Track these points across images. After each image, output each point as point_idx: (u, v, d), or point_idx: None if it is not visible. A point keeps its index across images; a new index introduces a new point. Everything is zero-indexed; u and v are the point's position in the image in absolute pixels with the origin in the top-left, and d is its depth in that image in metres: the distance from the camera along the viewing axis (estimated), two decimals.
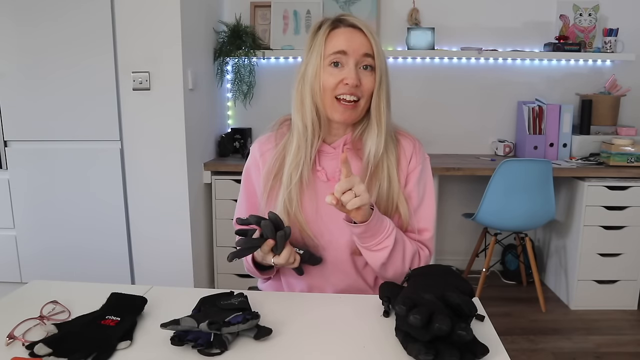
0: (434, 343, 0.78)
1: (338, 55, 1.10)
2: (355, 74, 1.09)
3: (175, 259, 2.48)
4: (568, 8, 3.00)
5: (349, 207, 0.99)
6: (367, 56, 1.11)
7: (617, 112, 2.96)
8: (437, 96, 3.14)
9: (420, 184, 1.19)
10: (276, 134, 1.22)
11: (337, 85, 1.10)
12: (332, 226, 1.15)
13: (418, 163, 1.19)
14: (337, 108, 1.11)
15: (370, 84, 1.11)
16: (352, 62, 1.10)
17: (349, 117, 1.12)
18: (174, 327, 0.85)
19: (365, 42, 1.11)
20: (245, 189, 1.25)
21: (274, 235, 1.03)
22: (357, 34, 1.11)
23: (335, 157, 1.17)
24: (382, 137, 1.13)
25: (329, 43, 1.11)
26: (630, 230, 2.64)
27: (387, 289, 1.00)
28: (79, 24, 2.29)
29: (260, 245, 1.04)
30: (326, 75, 1.11)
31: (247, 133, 3.03)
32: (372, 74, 1.11)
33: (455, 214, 3.20)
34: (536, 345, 2.35)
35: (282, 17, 3.01)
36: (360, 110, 1.12)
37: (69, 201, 2.43)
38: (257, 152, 1.23)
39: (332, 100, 1.11)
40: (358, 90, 1.10)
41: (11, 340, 0.86)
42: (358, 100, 1.11)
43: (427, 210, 1.19)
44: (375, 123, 1.13)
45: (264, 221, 1.03)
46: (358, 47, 1.10)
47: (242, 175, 1.26)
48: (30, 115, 2.38)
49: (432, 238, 1.20)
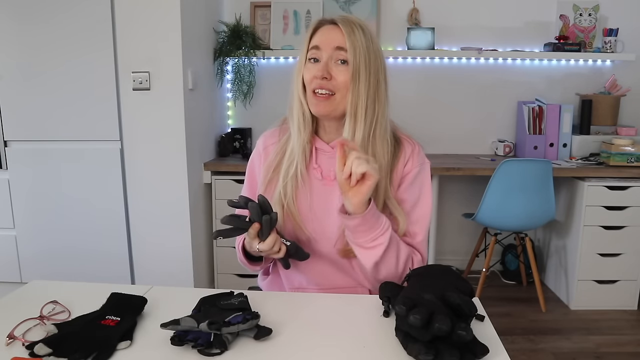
0: (434, 343, 0.78)
1: (313, 50, 1.13)
2: (324, 67, 1.10)
3: (175, 259, 2.48)
4: (568, 8, 3.00)
5: (355, 169, 0.97)
6: (340, 49, 1.10)
7: (617, 112, 2.96)
8: (437, 96, 3.14)
9: (414, 188, 1.17)
10: (280, 129, 1.25)
11: (311, 79, 1.12)
12: (325, 222, 1.16)
13: (414, 166, 1.18)
14: (312, 101, 1.13)
15: (344, 78, 1.10)
16: (325, 57, 1.11)
17: (322, 109, 1.12)
18: (174, 327, 0.85)
19: (339, 37, 1.11)
20: (248, 180, 1.29)
21: (260, 218, 1.03)
22: (334, 30, 1.12)
23: (332, 155, 1.17)
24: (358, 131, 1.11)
25: (311, 41, 1.14)
26: (630, 230, 2.64)
27: (387, 289, 1.00)
28: (79, 24, 2.29)
29: (246, 228, 1.04)
30: (305, 72, 1.14)
31: (247, 133, 3.03)
32: (346, 68, 1.10)
33: (455, 214, 3.20)
34: (536, 345, 2.35)
35: (282, 17, 3.01)
36: (335, 103, 1.12)
37: (69, 201, 2.43)
38: (262, 145, 1.27)
39: (311, 95, 1.13)
40: (329, 84, 1.10)
41: (11, 340, 0.86)
42: (333, 94, 1.11)
43: (421, 214, 1.18)
44: (349, 116, 1.11)
45: (252, 202, 1.03)
46: (330, 41, 1.11)
47: (246, 168, 1.30)
48: (30, 115, 2.38)
49: (424, 242, 1.18)
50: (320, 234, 1.17)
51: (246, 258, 1.20)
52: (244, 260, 1.21)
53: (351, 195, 1.01)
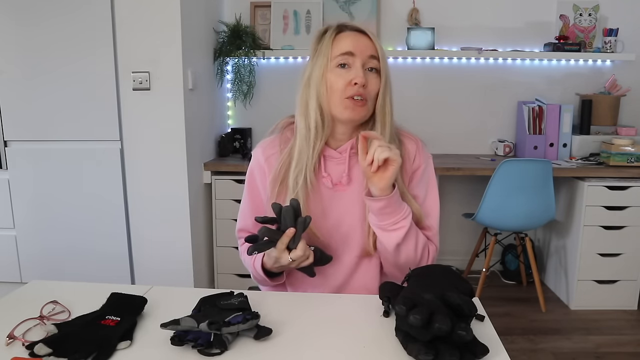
0: (434, 343, 0.78)
1: (345, 56, 1.12)
2: (363, 75, 1.11)
3: (175, 259, 2.48)
4: (568, 8, 3.00)
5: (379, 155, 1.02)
6: (373, 58, 1.13)
7: (617, 112, 2.96)
8: (437, 96, 3.14)
9: (422, 183, 1.20)
10: (280, 137, 1.22)
11: (346, 86, 1.11)
12: (341, 229, 1.17)
13: (421, 162, 1.20)
14: (347, 105, 1.12)
15: (376, 86, 1.13)
16: (359, 63, 1.11)
17: (357, 114, 1.13)
18: (174, 327, 0.85)
19: (371, 45, 1.13)
20: (249, 192, 1.25)
21: (294, 222, 1.03)
22: (362, 37, 1.14)
23: (341, 162, 1.17)
24: (385, 137, 1.14)
25: (335, 46, 1.13)
26: (630, 230, 2.64)
27: (387, 289, 1.00)
28: (79, 24, 2.29)
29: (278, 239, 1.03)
30: (334, 77, 1.12)
31: (247, 133, 3.03)
32: (377, 76, 1.14)
33: (455, 214, 3.19)
34: (536, 345, 2.35)
35: (282, 17, 3.01)
36: (367, 109, 1.14)
37: (69, 201, 2.43)
38: (261, 156, 1.22)
39: (340, 100, 1.12)
40: (365, 91, 1.12)
41: (11, 340, 0.86)
42: (366, 101, 1.13)
43: (431, 208, 1.21)
44: (379, 124, 1.15)
45: (286, 207, 1.03)
46: (364, 49, 1.12)
47: (245, 179, 1.26)
48: (30, 115, 2.38)
49: (437, 234, 1.22)
50: (337, 240, 1.17)
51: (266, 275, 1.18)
52: (264, 277, 1.18)
53: (376, 180, 1.05)
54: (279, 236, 1.03)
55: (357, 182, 1.17)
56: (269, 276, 1.18)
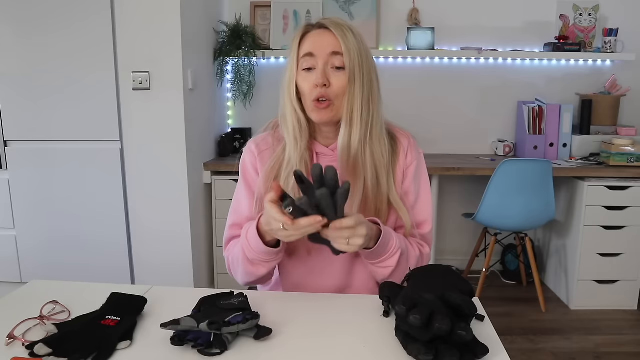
0: (434, 343, 0.78)
1: (307, 58, 1.10)
2: (322, 75, 1.08)
3: (175, 259, 2.48)
4: (568, 8, 3.00)
5: (345, 249, 0.95)
6: (336, 54, 1.09)
7: (617, 112, 2.96)
8: (437, 96, 3.14)
9: (416, 179, 1.20)
10: (273, 135, 1.22)
11: (312, 89, 1.10)
12: None
13: (414, 158, 1.20)
14: (313, 109, 1.11)
15: (341, 83, 1.09)
16: (321, 63, 1.09)
17: (324, 116, 1.11)
18: (174, 327, 0.85)
19: (333, 41, 1.09)
20: (245, 184, 1.23)
21: (333, 210, 0.90)
22: (325, 34, 1.10)
23: (334, 159, 1.17)
24: (354, 133, 1.10)
25: (301, 48, 1.12)
26: (630, 230, 2.64)
27: (387, 289, 1.00)
28: (79, 24, 2.29)
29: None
30: (301, 81, 1.11)
31: (247, 133, 3.03)
32: (343, 73, 1.09)
33: (455, 214, 3.19)
34: (536, 345, 2.35)
35: (282, 17, 3.01)
36: (335, 109, 1.11)
37: (69, 201, 2.43)
38: (255, 148, 1.21)
39: (311, 104, 1.11)
40: (329, 91, 1.09)
41: (11, 340, 0.86)
42: (332, 101, 1.10)
43: (425, 204, 1.21)
44: (345, 120, 1.10)
45: (321, 191, 0.89)
46: (325, 47, 1.09)
47: (240, 173, 1.24)
48: (30, 115, 2.38)
49: (432, 231, 1.22)
50: None
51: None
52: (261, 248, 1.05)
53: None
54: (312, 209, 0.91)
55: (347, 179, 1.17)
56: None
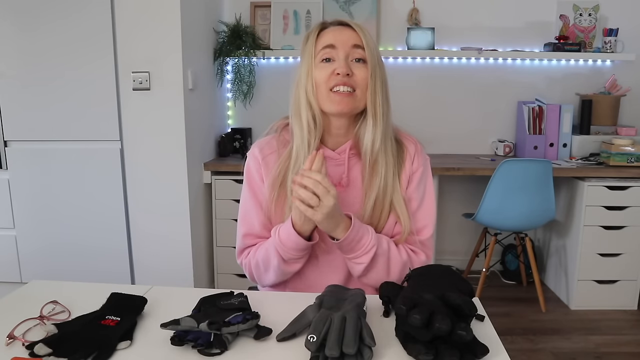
0: (434, 343, 0.78)
1: (327, 50, 1.11)
2: (346, 64, 1.09)
3: (175, 259, 2.48)
4: (568, 8, 3.00)
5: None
6: (357, 47, 1.11)
7: (617, 112, 2.96)
8: (437, 96, 3.14)
9: (420, 186, 1.19)
10: (277, 138, 1.21)
11: (329, 77, 1.09)
12: None
13: (420, 165, 1.19)
14: (333, 99, 1.10)
15: (364, 74, 1.10)
16: (342, 55, 1.10)
17: (345, 106, 1.10)
18: (174, 327, 0.85)
19: (354, 35, 1.11)
20: (251, 191, 1.21)
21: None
22: (345, 30, 1.13)
23: (341, 163, 1.16)
24: (378, 129, 1.12)
25: (318, 42, 1.12)
26: (630, 230, 2.64)
27: (387, 289, 1.00)
28: (79, 24, 2.29)
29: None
30: (318, 72, 1.11)
31: (247, 133, 3.03)
32: (364, 66, 1.11)
33: (455, 214, 3.19)
34: (536, 345, 2.35)
35: (282, 17, 3.01)
36: (357, 100, 1.11)
37: (69, 201, 2.43)
38: (259, 153, 1.20)
39: (327, 93, 1.10)
40: (351, 80, 1.09)
41: (11, 340, 0.86)
42: (354, 91, 1.10)
43: (428, 210, 1.20)
44: (370, 115, 1.12)
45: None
46: (346, 40, 1.11)
47: (244, 179, 1.23)
48: (30, 115, 2.38)
49: (432, 237, 1.20)
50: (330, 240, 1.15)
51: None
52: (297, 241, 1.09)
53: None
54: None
55: (355, 183, 1.17)
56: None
